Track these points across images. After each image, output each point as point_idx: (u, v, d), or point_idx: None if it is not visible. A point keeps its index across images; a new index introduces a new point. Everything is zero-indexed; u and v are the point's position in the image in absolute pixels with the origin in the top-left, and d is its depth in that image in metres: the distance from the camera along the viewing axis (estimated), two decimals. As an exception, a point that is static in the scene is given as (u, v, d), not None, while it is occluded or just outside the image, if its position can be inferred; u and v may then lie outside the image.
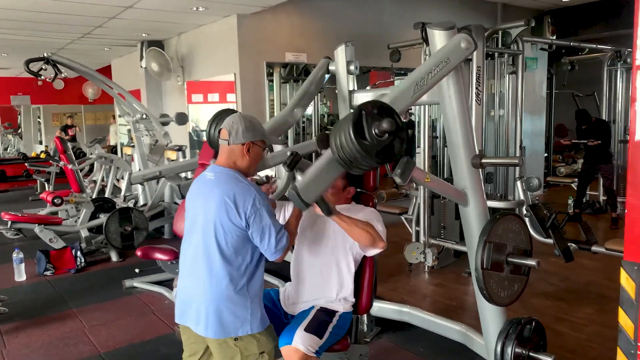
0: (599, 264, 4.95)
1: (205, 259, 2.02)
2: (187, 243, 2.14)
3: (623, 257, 2.21)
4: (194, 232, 2.09)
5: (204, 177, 2.12)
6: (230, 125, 2.08)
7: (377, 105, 1.85)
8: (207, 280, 2.01)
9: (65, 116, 13.73)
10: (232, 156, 2.08)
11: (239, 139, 2.06)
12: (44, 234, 5.45)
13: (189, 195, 2.19)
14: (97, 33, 6.97)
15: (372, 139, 1.79)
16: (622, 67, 6.94)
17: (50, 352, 3.51)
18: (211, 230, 2.01)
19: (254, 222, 1.98)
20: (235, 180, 2.04)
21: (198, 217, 2.07)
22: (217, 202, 2.00)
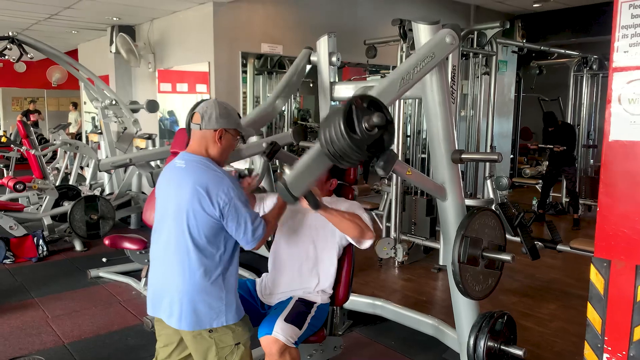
0: (562, 262, 5.11)
1: (177, 249, 1.96)
2: (158, 233, 2.06)
3: (593, 253, 2.28)
4: (165, 221, 2.02)
5: (174, 164, 2.05)
6: (203, 109, 2.01)
7: (368, 100, 1.85)
8: (180, 271, 1.95)
9: (26, 101, 13.23)
10: (204, 142, 2.02)
11: (211, 124, 1.99)
12: (4, 220, 5.24)
13: (158, 183, 2.13)
14: (65, 14, 6.73)
15: (362, 133, 1.78)
16: (587, 73, 7.18)
17: (11, 342, 3.38)
18: (183, 219, 1.94)
19: (229, 212, 1.93)
20: (207, 169, 1.98)
21: (169, 207, 2.01)
22: (189, 191, 1.93)
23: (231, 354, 2.00)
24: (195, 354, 2.03)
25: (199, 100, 3.50)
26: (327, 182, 2.51)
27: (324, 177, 2.48)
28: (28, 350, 3.28)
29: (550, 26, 8.55)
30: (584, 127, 7.35)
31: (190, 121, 2.06)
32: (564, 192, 7.17)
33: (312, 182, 2.02)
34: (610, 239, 2.19)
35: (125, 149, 6.10)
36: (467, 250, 2.39)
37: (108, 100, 6.00)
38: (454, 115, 2.61)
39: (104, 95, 6.05)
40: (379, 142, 1.83)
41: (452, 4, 7.61)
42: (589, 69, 7.15)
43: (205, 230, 1.94)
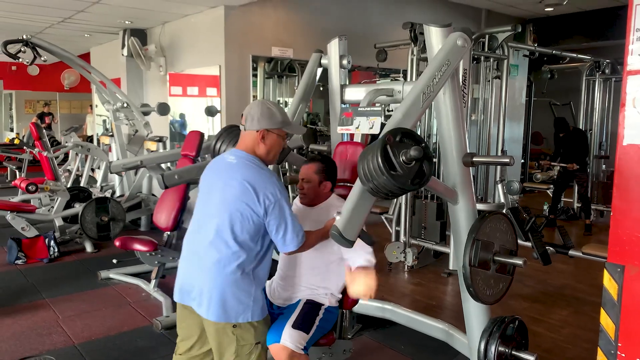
0: (573, 268, 5.06)
1: (217, 240, 1.99)
2: (199, 223, 2.10)
3: (607, 258, 2.25)
4: (207, 212, 2.06)
5: (224, 159, 2.10)
6: (248, 111, 2.07)
7: (399, 133, 1.88)
8: (216, 262, 1.98)
9: (39, 104, 13.37)
10: (249, 142, 2.07)
11: (253, 125, 2.04)
12: (16, 221, 5.28)
13: (204, 175, 2.17)
14: (78, 18, 6.80)
15: (402, 169, 1.82)
16: (600, 78, 7.12)
17: (22, 342, 3.41)
18: (227, 214, 1.98)
19: (273, 211, 1.97)
20: (257, 167, 2.03)
21: (214, 198, 2.04)
22: (237, 186, 1.98)
23: (250, 353, 2.02)
24: (215, 348, 2.04)
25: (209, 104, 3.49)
26: (321, 185, 2.43)
27: (317, 179, 2.42)
28: (39, 350, 3.30)
29: (562, 30, 8.50)
30: (596, 133, 7.28)
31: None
32: (576, 197, 7.10)
33: (363, 221, 2.00)
34: (624, 244, 2.16)
35: (136, 152, 6.13)
36: (478, 253, 2.37)
37: (119, 103, 6.05)
38: (465, 118, 2.61)
39: (115, 98, 6.10)
40: (420, 172, 1.86)
41: (463, 8, 7.59)
42: (602, 74, 7.09)
43: (247, 227, 1.98)
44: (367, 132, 2.59)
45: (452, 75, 2.40)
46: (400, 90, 2.68)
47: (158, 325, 3.60)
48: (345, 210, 1.93)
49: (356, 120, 2.59)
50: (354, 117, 2.60)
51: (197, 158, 4.23)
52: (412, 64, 5.01)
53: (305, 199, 2.47)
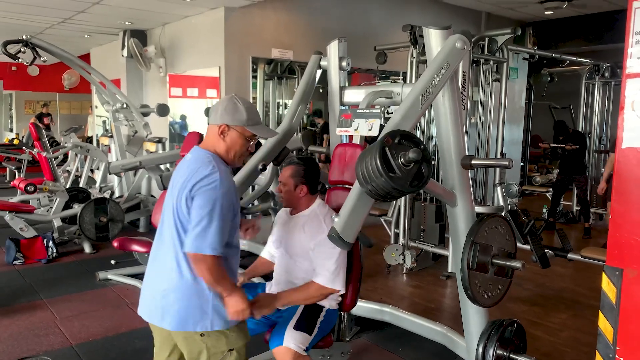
0: (572, 271, 5.05)
1: (168, 247, 1.90)
2: (157, 231, 2.01)
3: (605, 262, 2.24)
4: (163, 219, 1.98)
5: (184, 158, 2.00)
6: (216, 104, 2.00)
7: (398, 135, 1.87)
8: (168, 269, 1.89)
9: (39, 104, 13.37)
10: (210, 138, 1.96)
11: (215, 119, 1.94)
12: (15, 222, 5.28)
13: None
14: (78, 19, 6.80)
15: (401, 171, 1.82)
16: (599, 81, 7.12)
17: (20, 343, 3.40)
18: (172, 215, 1.88)
19: (195, 201, 1.81)
20: (206, 162, 1.88)
21: (167, 202, 1.96)
22: (180, 184, 1.87)
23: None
24: (187, 356, 1.99)
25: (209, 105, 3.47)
26: (296, 189, 2.40)
27: (292, 183, 2.39)
28: (36, 351, 3.29)
29: (562, 34, 8.51)
30: (596, 136, 7.29)
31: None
32: (575, 201, 7.10)
33: (361, 223, 1.99)
34: (622, 247, 2.16)
35: (136, 152, 6.13)
36: (477, 256, 2.37)
37: (119, 104, 6.05)
38: (464, 121, 2.61)
39: (115, 98, 6.10)
40: (419, 174, 1.85)
41: (463, 11, 7.60)
42: (601, 77, 7.10)
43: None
44: (366, 134, 2.59)
45: (451, 78, 2.40)
46: (399, 92, 2.68)
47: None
48: (343, 212, 1.93)
49: (355, 122, 2.59)
50: (353, 119, 2.60)
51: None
52: (411, 67, 5.02)
53: (284, 203, 2.47)
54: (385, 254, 4.88)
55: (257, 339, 2.39)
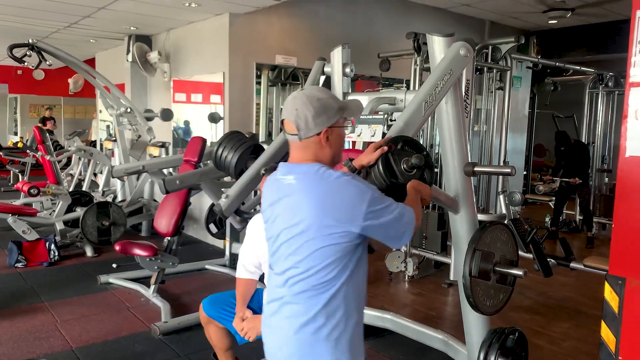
0: (575, 280, 5.03)
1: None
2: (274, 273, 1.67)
3: (608, 271, 2.24)
4: (279, 254, 1.63)
5: (279, 182, 1.63)
6: (295, 115, 1.58)
7: (401, 141, 1.88)
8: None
9: (43, 108, 13.43)
10: (309, 151, 1.62)
11: (311, 131, 1.59)
12: (18, 224, 5.30)
13: (265, 211, 1.71)
14: (84, 23, 6.84)
15: (403, 176, 1.82)
16: (603, 91, 7.12)
17: (20, 345, 3.39)
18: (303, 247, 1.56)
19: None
20: (323, 179, 1.56)
21: (281, 235, 1.61)
22: (312, 209, 1.54)
23: None
24: None
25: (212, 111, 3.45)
26: None
27: None
28: (36, 353, 3.29)
29: (566, 43, 8.52)
30: (599, 145, 7.27)
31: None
32: (578, 210, 7.08)
33: None
34: (625, 256, 2.15)
35: (139, 157, 6.15)
36: (479, 264, 2.36)
37: (123, 108, 6.07)
38: (467, 128, 2.61)
39: (119, 103, 6.13)
40: (422, 180, 1.87)
41: (466, 19, 7.62)
42: (605, 86, 7.10)
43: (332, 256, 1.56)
44: (369, 140, 2.59)
45: (454, 85, 2.41)
46: (402, 98, 2.68)
47: (156, 331, 3.58)
48: None
49: (358, 128, 2.59)
50: (356, 125, 2.60)
51: (199, 164, 4.24)
52: (415, 74, 5.03)
53: None
54: (387, 261, 4.87)
55: (258, 343, 2.38)
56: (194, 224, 6.55)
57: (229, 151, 3.26)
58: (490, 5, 6.95)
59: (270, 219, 1.68)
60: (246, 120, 6.04)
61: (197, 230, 6.51)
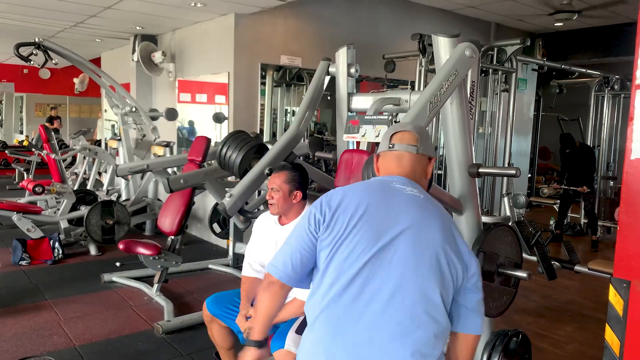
0: (579, 284, 5.01)
1: (422, 308, 1.40)
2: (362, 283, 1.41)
3: (612, 273, 2.22)
4: (382, 264, 1.41)
5: (399, 191, 1.51)
6: (419, 130, 1.59)
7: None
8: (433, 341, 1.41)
9: (48, 107, 13.50)
10: (418, 170, 1.57)
11: (428, 150, 1.59)
12: (22, 222, 5.31)
13: (364, 204, 1.48)
14: (90, 23, 6.87)
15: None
16: (609, 94, 7.09)
17: (23, 343, 3.40)
18: (434, 267, 1.42)
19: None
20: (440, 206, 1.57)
21: (398, 245, 1.42)
22: (442, 231, 1.47)
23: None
24: None
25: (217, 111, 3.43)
26: (291, 195, 2.38)
27: (287, 189, 2.36)
28: (39, 351, 3.30)
29: (572, 46, 8.50)
30: (604, 148, 7.25)
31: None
32: (582, 213, 7.05)
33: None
34: (630, 259, 2.14)
35: (143, 156, 6.16)
36: (483, 265, 2.35)
37: (128, 107, 6.09)
38: (471, 129, 2.60)
39: (124, 102, 6.15)
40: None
41: (472, 21, 7.61)
42: (611, 89, 7.07)
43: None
44: (373, 141, 2.59)
45: (459, 86, 2.40)
46: (407, 99, 2.68)
47: (159, 330, 3.59)
48: None
49: (362, 129, 2.59)
50: (361, 125, 2.60)
51: (204, 163, 4.24)
52: (420, 75, 5.03)
53: (274, 209, 2.41)
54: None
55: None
56: (198, 224, 6.55)
57: (233, 151, 3.26)
58: (496, 7, 6.93)
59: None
60: (251, 120, 6.05)
61: (201, 230, 6.52)
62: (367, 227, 1.44)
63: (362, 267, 1.40)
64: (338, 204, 1.48)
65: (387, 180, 1.54)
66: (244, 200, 2.94)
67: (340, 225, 1.45)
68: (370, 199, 1.48)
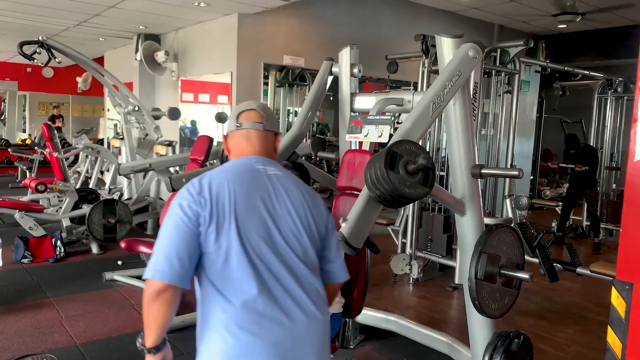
0: (581, 286, 5.00)
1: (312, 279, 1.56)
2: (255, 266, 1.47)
3: (615, 276, 2.22)
4: (265, 246, 1.48)
5: (260, 172, 1.57)
6: (263, 107, 1.69)
7: (405, 145, 1.88)
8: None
9: (51, 106, 13.52)
10: (268, 146, 1.66)
11: (273, 127, 1.68)
12: (24, 220, 5.32)
13: (237, 198, 1.50)
14: (94, 22, 6.89)
15: (406, 184, 1.83)
16: (612, 96, 7.08)
17: (25, 340, 3.41)
18: (309, 232, 1.57)
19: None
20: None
21: (270, 227, 1.51)
22: (304, 200, 1.59)
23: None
24: None
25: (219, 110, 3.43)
26: None
27: None
28: (41, 348, 3.30)
29: (575, 48, 8.49)
30: (607, 150, 7.23)
31: (238, 120, 1.63)
32: (585, 216, 7.04)
33: (368, 229, 1.96)
34: (633, 261, 2.13)
35: (146, 155, 6.17)
36: (485, 266, 2.35)
37: (131, 106, 6.10)
38: (474, 130, 2.60)
39: (127, 101, 6.15)
40: (426, 181, 1.86)
41: (476, 23, 7.61)
42: (614, 92, 7.06)
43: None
44: (376, 141, 2.59)
45: (462, 86, 2.40)
46: (410, 99, 2.68)
47: (160, 329, 3.58)
48: (351, 217, 1.92)
49: (365, 129, 2.59)
50: (363, 125, 2.60)
51: (206, 162, 4.24)
52: (422, 76, 5.02)
53: None
54: (392, 263, 4.86)
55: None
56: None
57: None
58: (499, 8, 6.93)
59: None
60: (253, 120, 6.05)
61: (203, 230, 6.51)
62: (244, 211, 1.49)
63: (256, 248, 1.47)
64: (210, 191, 1.49)
65: (249, 163, 1.60)
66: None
67: (221, 212, 1.46)
68: (241, 184, 1.53)
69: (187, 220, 1.44)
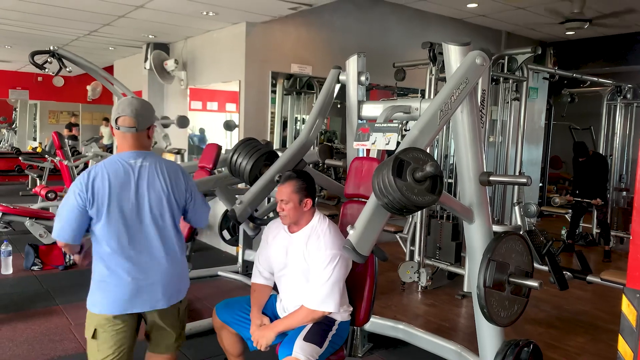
0: (591, 294, 4.95)
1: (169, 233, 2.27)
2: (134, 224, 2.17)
3: (625, 284, 2.20)
4: (135, 216, 2.15)
5: (131, 165, 2.12)
6: (136, 114, 2.12)
7: (412, 153, 1.89)
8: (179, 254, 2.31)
9: (62, 114, 13.67)
10: (141, 140, 2.17)
11: (145, 125, 2.17)
12: (35, 228, 5.35)
13: (112, 186, 2.09)
14: (104, 31, 6.97)
15: (413, 192, 1.84)
16: (621, 102, 7.04)
17: (34, 347, 3.43)
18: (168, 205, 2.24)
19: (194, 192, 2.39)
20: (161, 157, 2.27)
21: (139, 203, 2.15)
22: (160, 184, 2.21)
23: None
24: (170, 322, 2.37)
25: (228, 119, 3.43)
26: (301, 204, 2.37)
27: (297, 199, 2.36)
28: (50, 355, 3.32)
29: (583, 54, 8.46)
30: (617, 158, 7.18)
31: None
32: (595, 223, 6.98)
33: (377, 236, 1.97)
34: (643, 268, 2.11)
35: (154, 163, 6.20)
36: (493, 274, 2.34)
37: (140, 115, 6.13)
38: (482, 138, 2.60)
39: (136, 109, 6.19)
40: (433, 189, 1.86)
41: (483, 30, 7.61)
42: (623, 98, 7.02)
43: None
44: (383, 148, 2.59)
45: (470, 94, 2.40)
46: (417, 107, 2.68)
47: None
48: (359, 224, 1.92)
49: (372, 136, 2.59)
50: (371, 132, 2.60)
51: (214, 170, 4.26)
52: (430, 84, 5.03)
53: (286, 220, 2.40)
54: (400, 271, 4.84)
55: (270, 350, 2.38)
56: (208, 230, 6.58)
57: (244, 158, 3.28)
58: (506, 16, 6.93)
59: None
60: (261, 128, 6.08)
61: (211, 237, 6.54)
62: (119, 194, 2.10)
63: (128, 217, 2.12)
64: (93, 182, 2.07)
65: (124, 159, 2.14)
66: (254, 207, 2.95)
67: (100, 201, 2.07)
68: (116, 176, 2.10)
69: (76, 203, 2.07)
